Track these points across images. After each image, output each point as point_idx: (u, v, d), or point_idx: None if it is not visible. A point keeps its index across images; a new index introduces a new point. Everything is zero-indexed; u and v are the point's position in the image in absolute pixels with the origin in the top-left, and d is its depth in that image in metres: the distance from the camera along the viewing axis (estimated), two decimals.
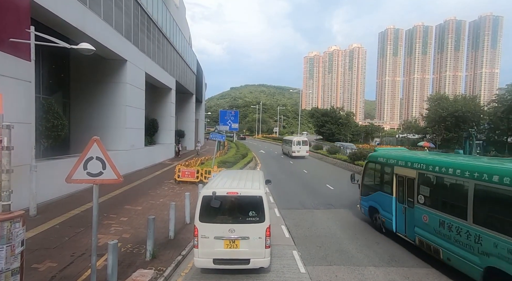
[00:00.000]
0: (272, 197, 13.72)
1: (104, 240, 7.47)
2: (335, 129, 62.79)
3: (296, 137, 36.24)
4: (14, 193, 6.41)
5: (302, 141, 33.37)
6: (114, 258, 5.09)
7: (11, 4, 8.90)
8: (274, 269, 6.56)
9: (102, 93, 17.46)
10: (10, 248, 3.69)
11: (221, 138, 19.68)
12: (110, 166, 4.77)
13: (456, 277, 6.39)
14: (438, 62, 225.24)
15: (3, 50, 8.56)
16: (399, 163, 8.40)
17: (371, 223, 10.03)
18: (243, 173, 8.70)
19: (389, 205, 8.73)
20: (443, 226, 6.58)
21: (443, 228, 6.56)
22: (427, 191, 7.30)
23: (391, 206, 8.64)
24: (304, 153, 33.18)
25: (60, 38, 9.78)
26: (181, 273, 6.33)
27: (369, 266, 6.93)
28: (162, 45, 24.97)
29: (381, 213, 9.18)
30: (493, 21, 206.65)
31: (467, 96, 49.57)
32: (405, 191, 8.05)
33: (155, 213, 9.93)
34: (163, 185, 15.52)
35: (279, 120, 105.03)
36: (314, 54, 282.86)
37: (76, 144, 16.43)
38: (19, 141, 8.18)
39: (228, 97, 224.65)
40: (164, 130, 28.28)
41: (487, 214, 5.74)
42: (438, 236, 6.73)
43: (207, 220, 5.83)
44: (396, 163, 8.55)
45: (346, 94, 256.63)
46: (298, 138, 34.76)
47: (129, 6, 17.82)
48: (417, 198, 7.53)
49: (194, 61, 40.37)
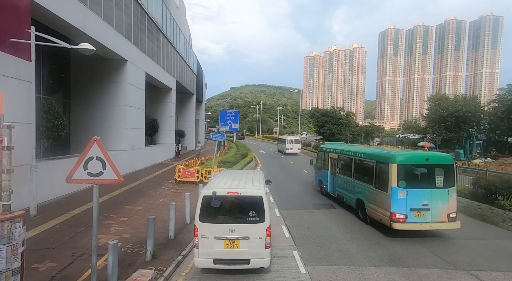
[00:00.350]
0: (272, 197, 13.73)
1: (104, 240, 7.47)
2: (335, 129, 62.71)
3: (289, 136, 41.71)
4: (14, 193, 6.42)
5: (295, 140, 38.29)
6: (114, 258, 5.09)
7: (11, 4, 8.90)
8: (274, 269, 6.55)
9: (102, 93, 17.47)
10: (11, 248, 3.69)
11: (221, 139, 19.69)
12: (110, 166, 4.77)
13: (349, 211, 12.06)
14: (439, 62, 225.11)
15: (3, 50, 8.57)
16: (331, 150, 13.77)
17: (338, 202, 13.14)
18: (243, 173, 8.70)
19: (327, 177, 13.98)
20: (344, 183, 12.09)
21: (345, 184, 12.06)
22: (340, 165, 12.75)
23: (327, 178, 13.88)
24: (296, 150, 37.40)
25: (60, 38, 9.79)
26: (181, 273, 6.33)
27: (369, 266, 6.92)
28: (162, 45, 24.98)
29: (323, 183, 14.45)
30: (494, 21, 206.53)
31: (467, 96, 49.47)
32: (333, 167, 13.42)
33: (155, 213, 9.94)
34: (163, 185, 15.52)
35: (279, 120, 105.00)
36: (314, 54, 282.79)
37: (76, 144, 16.45)
38: (20, 141, 8.19)
39: (228, 97, 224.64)
40: (164, 130, 28.29)
41: (357, 173, 11.19)
42: (343, 189, 12.22)
43: (207, 220, 5.83)
44: (330, 150, 13.92)
45: (347, 94, 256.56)
46: (291, 137, 40.04)
47: (129, 6, 17.83)
48: (336, 170, 13.01)
49: (194, 61, 40.39)
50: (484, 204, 11.27)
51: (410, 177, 8.74)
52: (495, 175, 12.49)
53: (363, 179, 10.61)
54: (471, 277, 6.53)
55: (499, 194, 11.00)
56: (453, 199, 8.81)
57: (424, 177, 8.77)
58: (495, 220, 10.48)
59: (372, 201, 9.79)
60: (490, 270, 6.89)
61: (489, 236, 9.32)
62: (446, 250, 8.05)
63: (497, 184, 11.04)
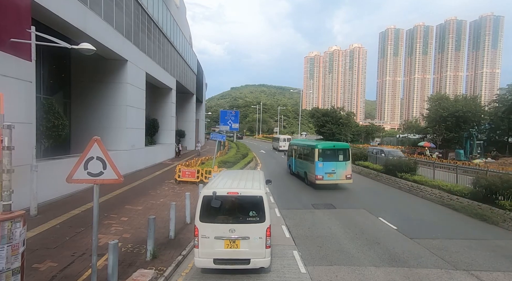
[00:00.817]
0: (272, 197, 13.74)
1: (104, 240, 7.47)
2: (335, 129, 62.61)
3: (282, 136, 48.76)
4: (14, 193, 6.42)
5: (287, 138, 43.54)
6: (115, 258, 5.09)
7: (12, 4, 8.91)
8: (274, 269, 6.56)
9: (102, 93, 17.48)
10: (11, 248, 3.70)
11: (221, 139, 19.68)
12: (111, 166, 4.77)
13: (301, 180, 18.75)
14: (439, 62, 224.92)
15: (4, 50, 8.58)
16: (293, 144, 20.94)
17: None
18: (243, 173, 8.70)
19: (292, 161, 20.66)
20: (299, 163, 18.85)
21: (299, 163, 18.87)
22: (298, 152, 19.26)
23: (293, 161, 20.47)
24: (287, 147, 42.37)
25: (60, 38, 9.79)
26: (181, 273, 6.33)
27: (369, 266, 6.92)
28: (163, 45, 24.99)
29: (290, 166, 21.27)
30: (494, 21, 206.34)
31: (467, 96, 49.27)
32: (294, 154, 20.09)
33: (155, 213, 9.94)
34: (163, 185, 15.53)
35: (279, 120, 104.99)
36: (314, 54, 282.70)
37: (77, 144, 16.46)
38: (20, 140, 8.19)
39: (229, 97, 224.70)
40: (164, 130, 28.30)
41: (303, 156, 18.08)
42: (298, 167, 19.01)
43: (208, 220, 5.83)
44: (293, 144, 21.28)
45: (347, 94, 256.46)
46: (284, 136, 46.82)
47: (129, 6, 17.84)
48: (295, 156, 19.77)
49: (194, 61, 40.40)
50: (484, 204, 11.28)
51: (325, 155, 15.76)
52: (495, 175, 12.47)
53: (305, 158, 17.68)
54: (471, 277, 6.53)
55: (500, 194, 11.00)
56: (348, 167, 15.84)
57: (332, 155, 15.86)
58: (495, 220, 10.47)
59: (309, 171, 16.74)
60: (490, 270, 6.89)
61: (489, 236, 9.31)
62: (446, 250, 8.04)
63: (497, 184, 11.04)
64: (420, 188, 15.19)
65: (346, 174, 15.60)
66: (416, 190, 15.40)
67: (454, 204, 12.55)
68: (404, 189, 16.41)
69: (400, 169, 17.55)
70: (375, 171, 20.49)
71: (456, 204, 12.42)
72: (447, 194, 13.35)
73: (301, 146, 18.78)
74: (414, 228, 9.91)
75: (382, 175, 19.31)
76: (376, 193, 15.90)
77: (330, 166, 15.38)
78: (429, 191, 14.49)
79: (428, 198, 14.23)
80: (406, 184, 16.43)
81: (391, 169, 18.30)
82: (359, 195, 15.05)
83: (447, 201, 13.07)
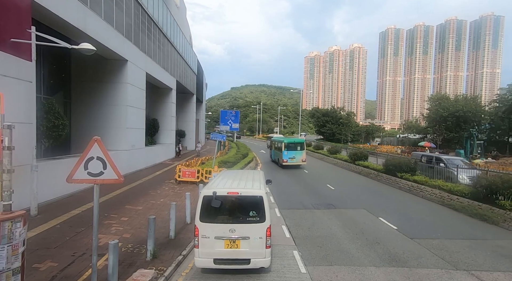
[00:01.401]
0: (272, 197, 13.74)
1: (104, 240, 7.48)
2: (335, 129, 62.65)
3: (275, 135, 54.75)
4: (15, 192, 6.44)
5: None
6: (115, 258, 5.10)
7: (12, 5, 8.91)
8: (274, 269, 6.56)
9: (102, 93, 17.49)
10: (11, 248, 3.70)
11: (221, 138, 19.68)
12: (111, 166, 4.77)
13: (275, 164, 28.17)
14: (439, 62, 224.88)
15: (4, 50, 8.58)
16: (272, 140, 30.18)
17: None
18: (243, 173, 8.69)
19: (272, 152, 29.21)
20: (275, 153, 27.72)
21: (275, 153, 27.72)
22: (276, 145, 27.43)
23: (272, 152, 29.02)
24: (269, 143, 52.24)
25: (61, 38, 9.80)
26: (181, 273, 6.33)
27: (369, 266, 6.92)
28: (163, 45, 25.00)
29: (271, 155, 29.62)
30: (494, 21, 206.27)
31: (468, 96, 49.24)
32: (273, 147, 28.69)
33: (155, 213, 9.95)
34: (163, 185, 15.53)
35: (279, 120, 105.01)
36: (314, 54, 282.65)
37: (77, 144, 16.47)
38: (20, 140, 8.20)
39: (229, 97, 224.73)
40: (164, 130, 28.31)
41: (273, 148, 28.75)
42: (276, 156, 27.32)
43: (208, 220, 5.83)
44: (272, 140, 30.36)
45: (347, 94, 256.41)
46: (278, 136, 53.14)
47: (129, 6, 17.84)
48: (274, 148, 28.41)
49: (194, 61, 40.39)
50: (484, 204, 11.28)
51: (289, 147, 24.38)
52: (495, 175, 12.47)
53: (278, 149, 25.78)
54: (471, 277, 6.53)
55: (500, 194, 10.99)
56: (303, 154, 24.69)
57: (294, 147, 24.56)
58: (495, 220, 10.47)
59: (280, 157, 24.86)
60: (490, 270, 6.89)
61: (489, 236, 9.31)
62: (446, 250, 8.04)
63: (498, 183, 11.03)
64: (420, 188, 15.20)
65: (302, 158, 24.59)
66: (416, 190, 15.41)
67: (454, 204, 12.56)
68: (404, 189, 16.41)
69: (400, 169, 17.52)
70: (375, 171, 20.47)
71: (456, 204, 12.42)
72: (447, 194, 13.35)
73: (276, 141, 27.64)
74: (414, 228, 9.91)
75: (382, 175, 19.29)
76: (376, 193, 15.90)
77: (291, 153, 24.22)
78: (429, 191, 14.49)
79: (429, 198, 14.23)
80: (406, 184, 16.44)
81: (391, 169, 18.26)
82: (359, 195, 15.05)
83: (447, 201, 13.08)
